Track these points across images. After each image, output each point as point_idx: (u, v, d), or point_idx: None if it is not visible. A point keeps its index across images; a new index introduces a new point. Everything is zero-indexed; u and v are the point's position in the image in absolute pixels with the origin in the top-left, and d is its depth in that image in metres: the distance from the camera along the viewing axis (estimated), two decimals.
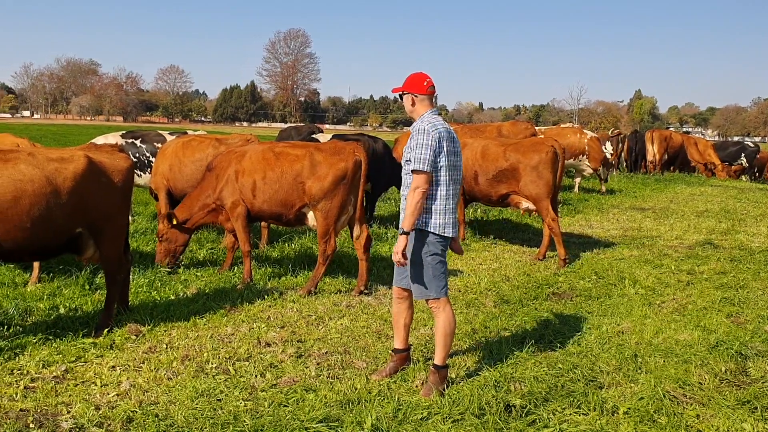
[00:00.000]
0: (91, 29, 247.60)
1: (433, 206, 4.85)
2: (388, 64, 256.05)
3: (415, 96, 4.94)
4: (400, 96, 5.03)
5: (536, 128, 18.77)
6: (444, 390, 4.85)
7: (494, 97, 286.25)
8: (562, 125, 21.20)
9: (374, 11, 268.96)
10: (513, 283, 8.32)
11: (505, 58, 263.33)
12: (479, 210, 13.69)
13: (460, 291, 7.93)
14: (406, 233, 4.75)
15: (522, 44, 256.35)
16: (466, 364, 5.46)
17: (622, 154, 25.09)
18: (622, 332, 6.34)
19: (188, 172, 9.30)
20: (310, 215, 7.69)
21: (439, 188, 4.84)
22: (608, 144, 24.98)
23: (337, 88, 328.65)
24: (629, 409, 4.65)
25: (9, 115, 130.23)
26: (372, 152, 10.77)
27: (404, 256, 4.77)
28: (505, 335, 6.19)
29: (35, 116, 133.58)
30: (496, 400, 4.70)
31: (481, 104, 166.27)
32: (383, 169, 11.14)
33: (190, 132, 11.45)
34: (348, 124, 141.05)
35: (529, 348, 5.74)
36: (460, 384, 5.01)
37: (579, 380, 5.13)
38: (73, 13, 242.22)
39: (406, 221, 4.76)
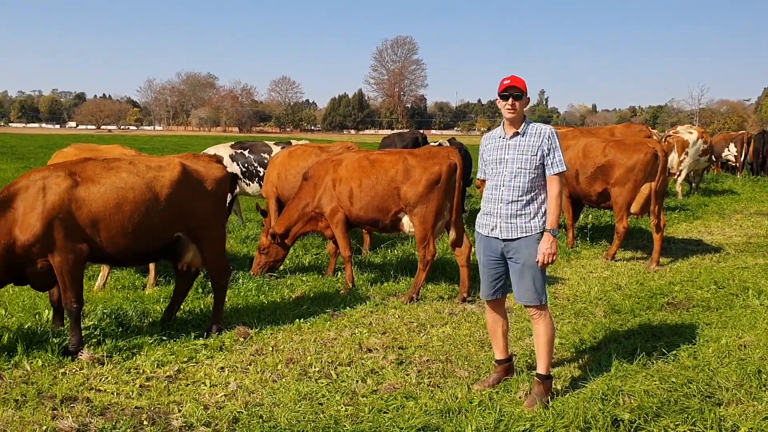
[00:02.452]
0: (208, 44, 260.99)
1: (544, 207, 4.78)
2: (496, 67, 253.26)
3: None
4: (517, 96, 4.72)
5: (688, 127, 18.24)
6: (548, 402, 4.69)
7: (608, 98, 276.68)
8: (680, 127, 20.20)
9: (482, 14, 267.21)
10: (625, 292, 7.96)
11: (621, 57, 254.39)
12: (590, 215, 13.24)
13: (568, 300, 7.68)
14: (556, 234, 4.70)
15: (639, 42, 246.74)
16: (571, 376, 5.26)
17: (747, 156, 23.60)
18: (745, 346, 5.89)
19: (293, 180, 9.55)
20: (406, 221, 7.71)
21: (546, 189, 4.80)
22: (732, 145, 23.63)
23: (445, 93, 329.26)
24: (751, 429, 4.31)
25: (134, 127, 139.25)
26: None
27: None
28: (614, 346, 5.90)
29: (157, 128, 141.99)
30: (603, 413, 4.48)
31: (594, 106, 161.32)
32: None
33: (294, 142, 11.76)
34: (455, 128, 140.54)
35: (640, 360, 5.45)
36: (566, 396, 4.83)
37: (694, 396, 4.81)
38: (193, 28, 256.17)
39: (555, 222, 4.70)
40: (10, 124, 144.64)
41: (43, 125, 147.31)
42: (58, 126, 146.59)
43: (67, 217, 5.45)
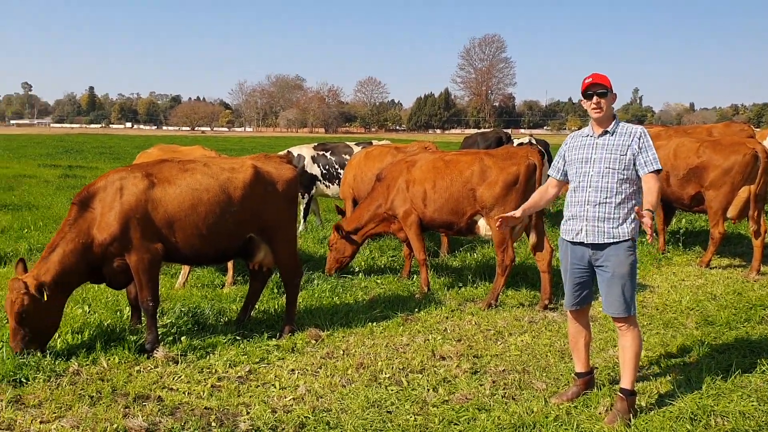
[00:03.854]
0: (297, 46, 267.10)
1: (633, 213, 4.48)
2: (588, 64, 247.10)
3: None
4: (601, 93, 4.49)
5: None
6: (631, 420, 4.39)
7: (708, 96, 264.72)
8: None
9: (573, 11, 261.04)
10: (720, 303, 7.44)
11: (722, 51, 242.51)
12: (683, 219, 12.54)
13: (657, 309, 7.24)
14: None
15: (742, 35, 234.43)
16: (657, 392, 4.90)
17: None
18: None
19: (369, 182, 9.45)
20: (482, 224, 7.47)
21: (636, 195, 4.53)
22: None
23: (534, 92, 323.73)
24: None
25: (226, 129, 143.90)
26: None
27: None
28: (706, 362, 5.49)
29: (248, 129, 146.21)
30: None
31: (692, 104, 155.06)
32: None
33: (375, 142, 11.66)
34: (545, 128, 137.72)
35: (735, 378, 5.04)
36: (650, 414, 4.51)
37: None
38: (283, 31, 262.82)
39: (655, 203, 4.33)
40: (110, 126, 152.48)
41: (141, 126, 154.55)
42: (155, 127, 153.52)
43: (143, 217, 5.57)
